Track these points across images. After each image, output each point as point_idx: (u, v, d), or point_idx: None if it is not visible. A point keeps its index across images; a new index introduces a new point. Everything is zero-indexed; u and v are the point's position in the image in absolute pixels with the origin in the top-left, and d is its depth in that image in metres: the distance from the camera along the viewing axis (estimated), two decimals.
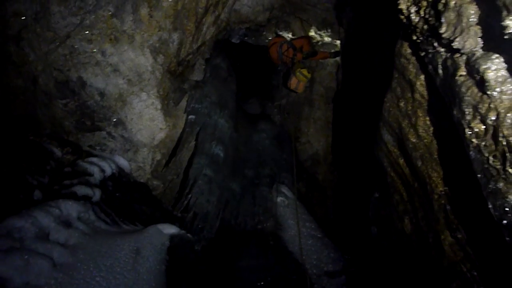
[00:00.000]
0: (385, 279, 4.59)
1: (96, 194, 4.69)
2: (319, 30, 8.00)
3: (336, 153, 7.83)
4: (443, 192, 3.39)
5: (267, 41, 8.13)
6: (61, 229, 3.88)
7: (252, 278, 5.22)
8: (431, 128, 3.51)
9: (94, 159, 5.04)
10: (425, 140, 3.54)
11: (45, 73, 5.21)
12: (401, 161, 3.97)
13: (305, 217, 6.46)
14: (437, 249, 3.39)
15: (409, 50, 3.65)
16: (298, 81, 7.19)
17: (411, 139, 3.69)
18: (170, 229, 4.77)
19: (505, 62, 2.37)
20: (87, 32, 5.18)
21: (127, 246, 4.21)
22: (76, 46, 5.19)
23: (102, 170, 5.01)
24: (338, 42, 7.87)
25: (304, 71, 7.16)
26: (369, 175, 5.17)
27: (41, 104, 5.28)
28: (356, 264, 5.67)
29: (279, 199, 6.51)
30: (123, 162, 5.46)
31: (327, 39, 8.13)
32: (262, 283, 5.15)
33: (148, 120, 5.71)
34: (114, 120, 5.55)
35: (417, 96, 3.59)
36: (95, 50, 5.26)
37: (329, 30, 7.89)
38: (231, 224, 6.03)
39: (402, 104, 3.82)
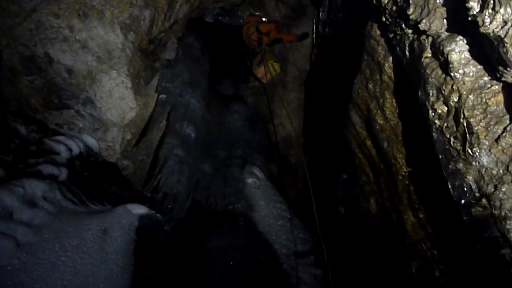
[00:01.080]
0: (352, 258, 4.68)
1: (63, 173, 4.60)
2: (294, 12, 7.96)
3: (307, 134, 7.87)
4: (407, 173, 3.45)
5: (241, 21, 8.03)
6: (25, 209, 3.80)
7: (222, 258, 5.24)
8: (398, 110, 3.55)
9: (61, 138, 4.93)
10: (392, 122, 3.58)
11: (10, 48, 5.03)
12: (369, 142, 4.01)
13: (276, 198, 6.49)
14: (400, 228, 3.46)
15: (378, 32, 3.67)
16: (266, 72, 7.16)
17: (379, 120, 3.73)
18: (139, 209, 4.73)
19: (468, 44, 2.40)
20: (54, 6, 5.00)
21: (94, 226, 4.16)
22: (42, 21, 5.01)
23: (69, 149, 4.90)
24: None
25: (276, 66, 7.15)
26: (338, 157, 5.22)
27: (6, 80, 5.11)
28: (324, 245, 5.74)
29: (250, 180, 6.51)
30: (91, 141, 5.35)
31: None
32: (231, 262, 5.18)
33: (118, 99, 5.60)
34: (83, 98, 5.42)
35: (385, 78, 3.62)
36: (62, 25, 5.09)
37: (304, 11, 7.86)
38: (202, 204, 6.01)
39: (370, 86, 3.85)
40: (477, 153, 2.28)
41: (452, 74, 2.45)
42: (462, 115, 2.38)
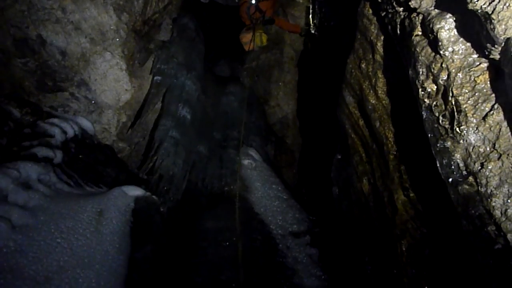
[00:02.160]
0: (346, 238, 4.72)
1: (58, 156, 4.61)
2: None
3: (303, 115, 7.86)
4: (398, 152, 3.46)
5: (237, 0, 7.94)
6: (20, 191, 3.81)
7: (218, 239, 5.28)
8: (390, 90, 3.54)
9: (55, 120, 4.92)
10: (384, 102, 3.58)
11: (1, 30, 4.98)
12: (361, 122, 4.01)
13: (272, 180, 6.51)
14: (391, 207, 3.49)
15: (371, 11, 3.64)
16: (251, 40, 7.07)
17: (371, 100, 3.72)
18: (135, 191, 4.74)
19: (457, 21, 2.38)
20: None
21: (90, 208, 4.17)
22: (34, 2, 4.96)
23: (64, 132, 4.90)
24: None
25: (264, 37, 7.05)
26: (332, 138, 5.23)
27: None
28: (320, 225, 5.79)
29: (246, 161, 6.53)
30: (86, 123, 5.35)
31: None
32: (227, 243, 5.22)
33: (112, 81, 5.58)
34: (77, 80, 5.40)
35: (377, 57, 3.60)
36: (55, 6, 5.04)
37: None
38: (198, 186, 6.04)
39: (363, 65, 3.83)
40: (464, 131, 2.28)
41: (441, 52, 2.44)
42: (450, 93, 2.37)
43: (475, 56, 2.31)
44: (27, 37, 5.05)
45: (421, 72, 2.64)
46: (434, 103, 2.53)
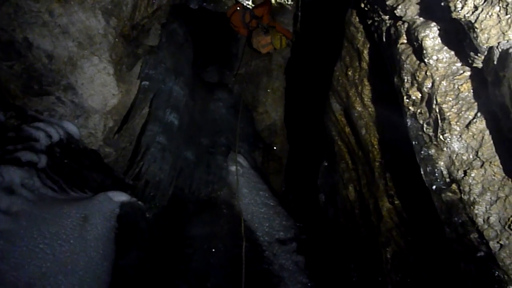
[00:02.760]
0: (332, 245, 4.72)
1: (42, 160, 4.54)
2: None
3: (291, 122, 7.87)
4: (383, 160, 3.47)
5: (226, 7, 7.95)
6: (3, 196, 3.75)
7: (204, 246, 5.25)
8: (376, 97, 3.56)
9: (41, 124, 4.86)
10: (370, 109, 3.60)
11: None
12: (348, 129, 4.03)
13: (260, 186, 6.51)
14: (377, 215, 3.49)
15: (358, 19, 3.66)
16: (270, 43, 7.03)
17: (357, 107, 3.74)
18: (120, 197, 4.70)
19: (442, 30, 2.40)
20: None
21: (74, 213, 4.12)
22: (21, 5, 4.92)
23: (49, 136, 4.84)
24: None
25: (284, 41, 7.01)
26: (320, 144, 5.23)
27: None
28: (307, 232, 5.79)
29: (234, 168, 6.51)
30: (72, 128, 5.29)
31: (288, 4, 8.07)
32: (213, 250, 5.20)
33: (100, 85, 5.54)
34: (64, 84, 5.36)
35: (364, 65, 3.62)
36: (42, 9, 5.00)
37: None
38: (185, 192, 6.00)
39: (350, 72, 3.85)
40: (448, 139, 2.29)
41: (426, 60, 2.46)
42: (435, 101, 2.39)
43: (459, 64, 2.33)
44: (13, 39, 5.00)
45: (406, 80, 2.66)
46: (419, 110, 2.55)
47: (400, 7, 2.67)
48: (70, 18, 5.14)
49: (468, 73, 2.29)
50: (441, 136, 2.33)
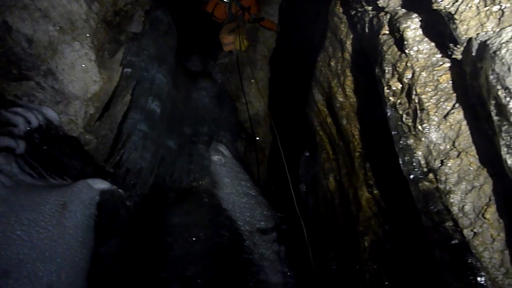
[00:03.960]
0: (312, 235, 4.75)
1: (20, 146, 4.47)
2: None
3: (274, 113, 7.87)
4: (363, 150, 3.50)
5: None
6: None
7: (185, 234, 5.24)
8: (357, 88, 3.58)
9: (19, 109, 4.77)
10: (351, 99, 3.62)
11: None
12: (329, 120, 4.05)
13: (241, 176, 6.50)
14: (356, 204, 3.53)
15: (341, 9, 3.67)
16: (232, 42, 7.03)
17: (339, 98, 3.76)
18: (100, 184, 4.65)
19: (423, 21, 2.42)
20: None
21: (53, 200, 4.07)
22: None
23: (28, 121, 4.75)
24: None
25: (245, 43, 7.02)
26: (302, 135, 5.25)
27: None
28: (288, 222, 5.81)
29: (216, 157, 6.49)
30: (52, 114, 5.20)
31: None
32: (194, 239, 5.19)
33: (81, 72, 5.46)
34: (44, 69, 5.26)
35: (346, 55, 3.64)
36: None
37: None
38: (166, 181, 5.96)
39: (333, 63, 3.86)
40: (426, 129, 2.32)
41: (406, 51, 2.48)
42: (414, 92, 2.42)
43: (439, 55, 2.36)
44: None
45: (387, 71, 2.68)
46: (399, 101, 2.57)
47: None
48: (51, 2, 5.04)
49: (447, 64, 2.32)
50: (419, 126, 2.36)
